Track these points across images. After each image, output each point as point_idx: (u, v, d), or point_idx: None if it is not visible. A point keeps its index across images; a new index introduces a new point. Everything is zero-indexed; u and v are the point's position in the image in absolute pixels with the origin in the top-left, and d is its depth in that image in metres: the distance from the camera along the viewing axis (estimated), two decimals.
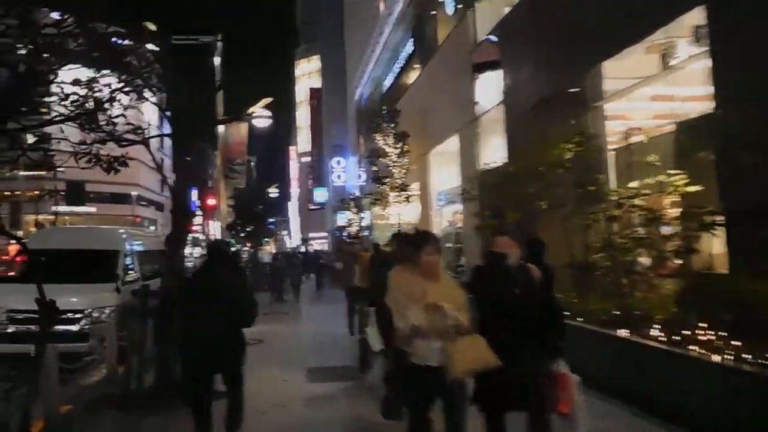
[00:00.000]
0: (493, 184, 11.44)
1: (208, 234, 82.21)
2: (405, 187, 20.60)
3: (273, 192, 50.49)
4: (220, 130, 55.25)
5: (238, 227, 29.65)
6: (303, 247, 55.42)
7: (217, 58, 43.22)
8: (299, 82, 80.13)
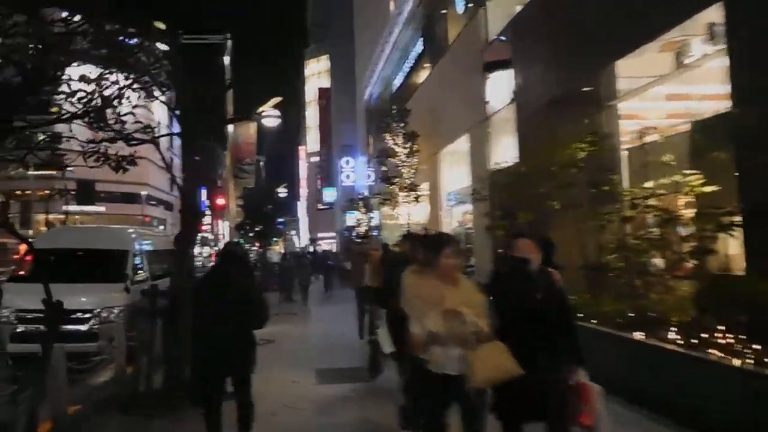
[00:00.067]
0: (504, 184, 11.33)
1: (217, 233, 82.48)
2: (414, 187, 20.51)
3: (282, 192, 50.53)
4: (230, 129, 55.39)
5: (247, 227, 29.59)
6: (311, 247, 55.38)
7: (226, 57, 43.29)
8: (308, 82, 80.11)
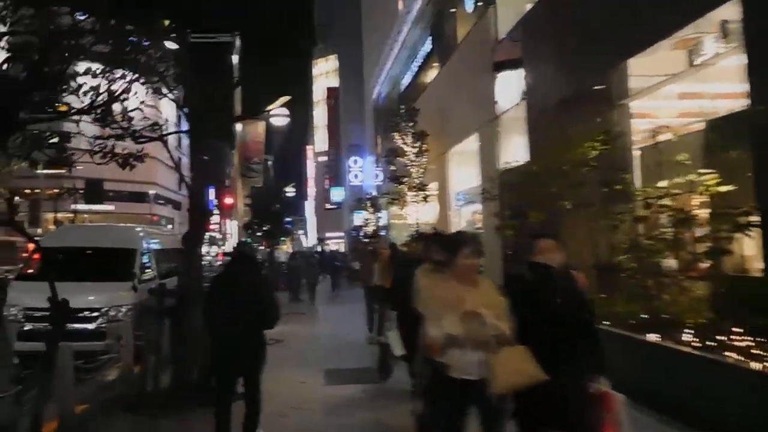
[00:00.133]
0: (514, 183, 11.23)
1: (225, 233, 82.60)
2: (423, 187, 20.41)
3: (290, 191, 50.50)
4: (238, 128, 55.34)
5: (255, 226, 29.58)
6: (319, 246, 55.40)
7: (234, 56, 43.33)
8: (316, 82, 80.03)
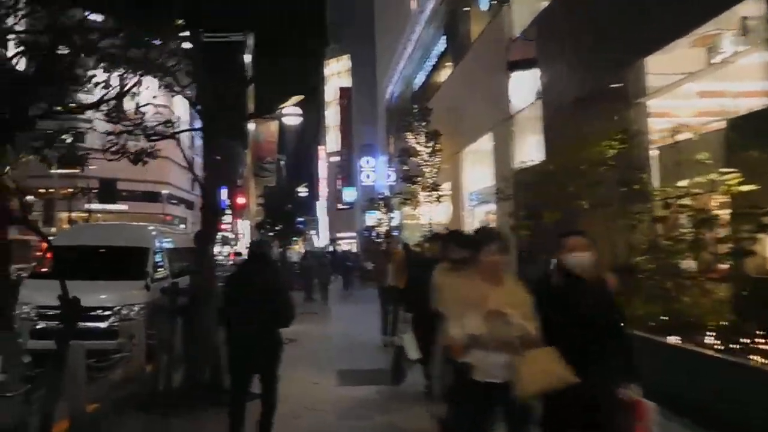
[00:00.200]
0: (529, 183, 11.10)
1: (237, 232, 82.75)
2: (436, 187, 20.31)
3: (302, 191, 50.46)
4: (250, 128, 55.47)
5: (268, 226, 29.57)
6: (331, 246, 55.40)
7: (247, 55, 43.36)
8: (329, 82, 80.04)
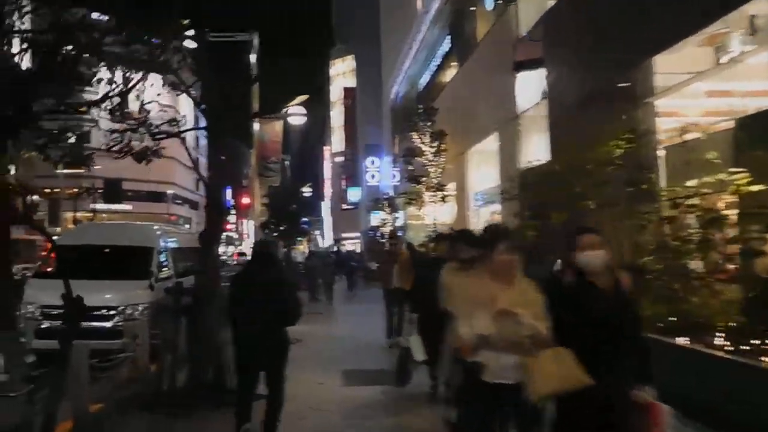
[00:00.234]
0: (535, 183, 11.03)
1: (242, 232, 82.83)
2: (441, 187, 20.25)
3: (307, 191, 50.49)
4: (255, 128, 55.62)
5: (272, 226, 29.54)
6: (335, 247, 55.42)
7: (252, 55, 43.44)
8: (333, 82, 80.00)
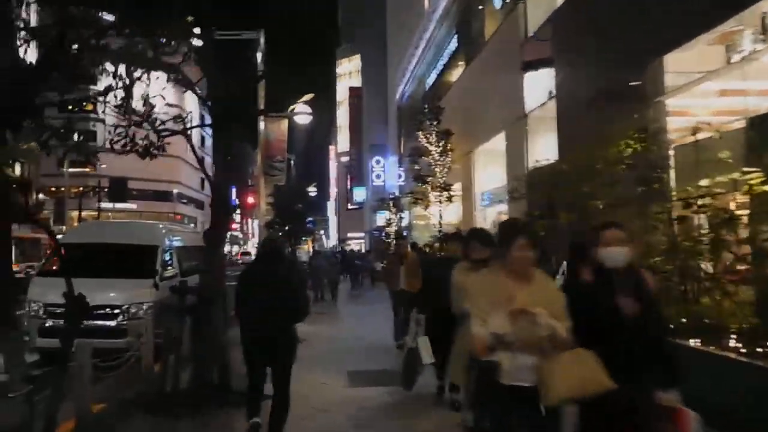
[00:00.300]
0: (543, 182, 10.92)
1: (247, 232, 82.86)
2: (447, 187, 20.15)
3: (312, 191, 50.52)
4: (260, 127, 55.58)
5: (277, 225, 29.52)
6: (339, 246, 55.47)
7: (258, 54, 43.36)
8: (339, 82, 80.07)
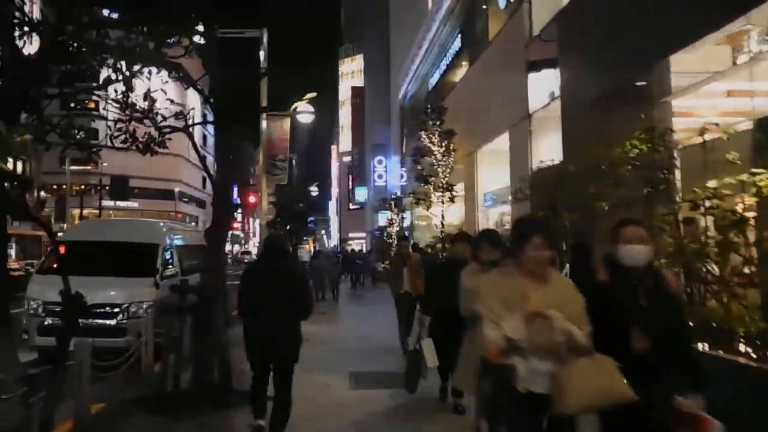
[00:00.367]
0: (547, 183, 10.83)
1: (248, 231, 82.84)
2: (450, 187, 20.04)
3: (314, 190, 50.49)
4: (263, 126, 55.64)
5: (278, 225, 29.45)
6: (341, 246, 55.48)
7: (261, 52, 43.32)
8: (342, 82, 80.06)
